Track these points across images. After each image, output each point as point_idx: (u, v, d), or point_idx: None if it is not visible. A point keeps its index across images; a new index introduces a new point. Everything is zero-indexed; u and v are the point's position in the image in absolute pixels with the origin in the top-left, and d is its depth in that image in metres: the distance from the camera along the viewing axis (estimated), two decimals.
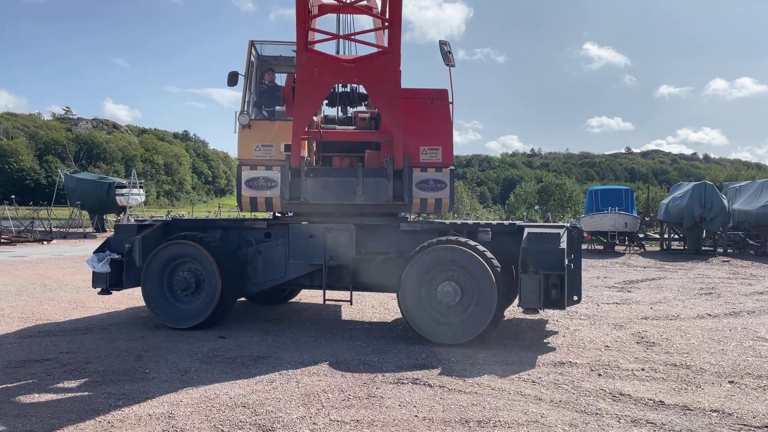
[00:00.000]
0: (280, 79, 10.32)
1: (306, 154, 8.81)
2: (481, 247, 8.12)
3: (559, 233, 8.12)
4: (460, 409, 5.70)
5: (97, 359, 7.45)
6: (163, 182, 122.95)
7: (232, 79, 9.15)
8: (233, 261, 9.22)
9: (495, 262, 8.07)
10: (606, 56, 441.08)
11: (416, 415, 5.55)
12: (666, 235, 26.26)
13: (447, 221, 9.56)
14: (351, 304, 9.31)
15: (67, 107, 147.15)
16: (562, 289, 7.89)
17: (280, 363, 7.32)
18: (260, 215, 11.03)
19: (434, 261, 8.16)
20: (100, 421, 5.40)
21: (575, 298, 8.46)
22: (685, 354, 7.79)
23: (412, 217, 11.05)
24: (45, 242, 28.18)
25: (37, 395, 6.10)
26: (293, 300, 11.86)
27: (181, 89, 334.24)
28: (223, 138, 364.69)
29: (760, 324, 9.68)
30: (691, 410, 5.67)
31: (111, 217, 37.72)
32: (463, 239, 8.23)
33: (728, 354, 7.80)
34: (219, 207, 48.89)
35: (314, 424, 5.35)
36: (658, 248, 25.91)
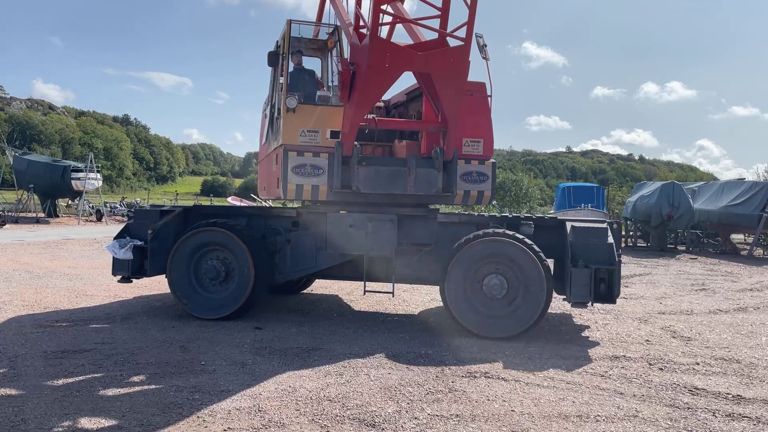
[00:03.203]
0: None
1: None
2: (528, 241, 8.09)
3: (606, 228, 8.18)
4: (551, 404, 5.64)
5: (140, 350, 7.06)
6: (103, 167, 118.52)
7: (273, 59, 8.81)
8: (264, 250, 8.92)
9: (542, 255, 8.05)
10: (544, 56, 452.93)
11: (512, 410, 5.46)
12: (631, 233, 27.00)
13: (483, 214, 9.48)
14: (393, 296, 9.14)
15: None
16: (610, 283, 7.95)
17: (335, 355, 7.10)
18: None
19: (482, 253, 8.08)
20: (188, 417, 5.09)
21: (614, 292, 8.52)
22: (725, 348, 7.97)
23: (442, 208, 10.92)
24: None
25: (101, 389, 5.72)
26: (305, 291, 11.60)
27: (119, 71, 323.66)
28: (166, 123, 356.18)
29: None
30: None
31: (62, 202, 36.15)
32: (510, 232, 8.18)
33: (765, 349, 8.01)
34: (176, 194, 47.49)
35: (415, 418, 5.20)
36: (622, 245, 26.60)
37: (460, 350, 7.45)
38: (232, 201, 37.60)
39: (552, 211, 27.40)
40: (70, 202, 36.73)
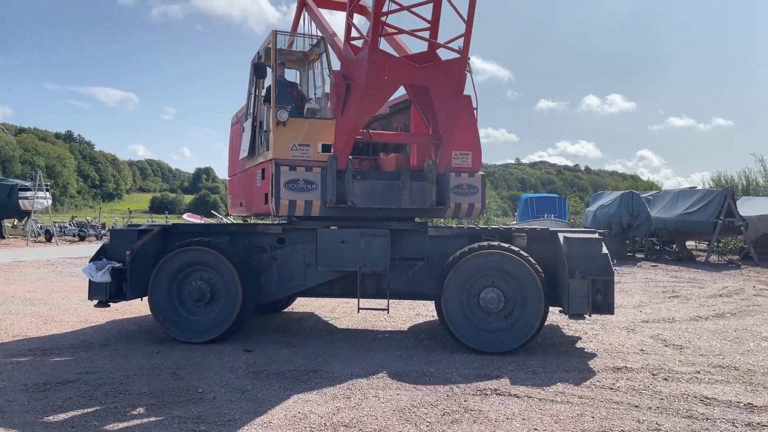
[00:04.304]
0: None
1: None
2: (524, 253, 8.01)
3: (600, 238, 8.16)
4: (572, 421, 5.52)
5: (128, 379, 6.65)
6: (50, 187, 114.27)
7: (261, 70, 8.52)
8: (251, 268, 8.60)
9: (538, 268, 7.98)
10: (490, 70, 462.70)
11: (534, 428, 5.32)
12: None
13: (474, 226, 9.36)
14: (388, 313, 8.92)
15: None
16: (606, 294, 7.92)
17: (336, 377, 6.84)
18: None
19: (479, 267, 7.96)
20: None
21: None
22: (719, 356, 8.03)
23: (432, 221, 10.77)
24: None
25: (98, 423, 5.33)
26: (286, 310, 11.26)
27: (61, 86, 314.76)
28: (111, 139, 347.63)
29: (754, 325, 10.20)
30: None
31: (8, 223, 34.63)
32: (505, 245, 8.09)
33: (757, 354, 8.12)
34: (130, 211, 46.09)
35: None
36: None
37: (462, 367, 7.28)
38: (189, 218, 36.58)
39: (514, 222, 27.67)
40: (16, 222, 35.26)
